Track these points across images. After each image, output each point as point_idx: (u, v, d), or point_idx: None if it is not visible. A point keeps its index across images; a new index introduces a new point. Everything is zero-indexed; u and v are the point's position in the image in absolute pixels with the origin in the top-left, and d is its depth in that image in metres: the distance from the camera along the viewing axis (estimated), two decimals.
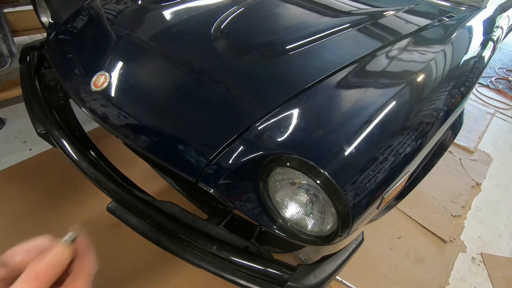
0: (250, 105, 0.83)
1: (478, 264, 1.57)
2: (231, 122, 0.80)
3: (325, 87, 0.84)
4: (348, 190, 0.64)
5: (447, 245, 1.60)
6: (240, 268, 0.75)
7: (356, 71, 0.90)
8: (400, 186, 0.80)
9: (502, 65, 3.66)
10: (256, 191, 0.75)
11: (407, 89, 0.85)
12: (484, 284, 1.50)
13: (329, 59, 0.95)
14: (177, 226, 0.79)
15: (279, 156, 0.69)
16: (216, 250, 0.75)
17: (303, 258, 1.39)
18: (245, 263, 0.74)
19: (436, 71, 0.95)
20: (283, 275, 0.72)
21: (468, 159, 2.19)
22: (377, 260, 1.46)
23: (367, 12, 1.25)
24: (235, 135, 0.76)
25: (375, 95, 0.82)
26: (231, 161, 0.74)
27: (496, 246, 1.69)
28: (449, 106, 0.93)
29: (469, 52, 1.12)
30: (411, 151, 0.77)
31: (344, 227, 0.67)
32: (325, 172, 0.64)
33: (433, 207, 1.78)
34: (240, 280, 0.74)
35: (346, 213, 0.65)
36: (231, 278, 0.75)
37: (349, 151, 0.68)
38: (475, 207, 1.87)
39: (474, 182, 2.02)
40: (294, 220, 0.74)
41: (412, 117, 0.80)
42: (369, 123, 0.73)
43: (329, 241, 0.72)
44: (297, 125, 0.75)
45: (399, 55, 1.01)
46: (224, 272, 0.76)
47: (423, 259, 1.52)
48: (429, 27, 1.20)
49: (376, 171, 0.69)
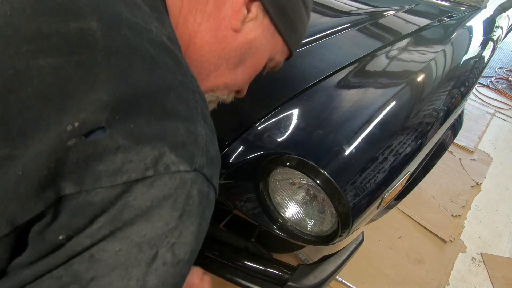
0: (250, 105, 0.83)
1: (478, 264, 1.57)
2: (231, 122, 0.80)
3: (325, 87, 0.84)
4: (348, 190, 0.64)
5: (447, 245, 1.60)
6: (240, 268, 0.75)
7: (356, 71, 0.90)
8: (400, 186, 0.80)
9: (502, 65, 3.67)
10: (256, 191, 0.75)
11: (407, 89, 0.85)
12: (484, 284, 1.50)
13: (329, 59, 0.95)
14: None
15: (279, 156, 0.69)
16: (216, 250, 0.75)
17: (303, 258, 1.40)
18: (245, 263, 0.74)
19: (436, 71, 0.95)
20: (283, 275, 0.72)
21: (468, 159, 2.19)
22: (377, 260, 1.46)
23: (367, 12, 1.25)
24: (235, 135, 0.76)
25: (375, 95, 0.82)
26: (231, 161, 0.74)
27: (496, 246, 1.69)
28: (449, 106, 0.93)
29: (469, 52, 1.12)
30: (411, 151, 0.77)
31: (344, 227, 0.67)
32: (325, 172, 0.64)
33: (433, 207, 1.77)
34: (240, 280, 0.74)
35: (346, 213, 0.65)
36: (231, 278, 0.75)
37: (349, 151, 0.68)
38: (475, 207, 1.87)
39: (474, 182, 2.02)
40: (294, 220, 0.75)
41: (412, 117, 0.80)
42: (369, 123, 0.73)
43: (329, 241, 0.72)
44: (297, 125, 0.75)
45: (399, 55, 1.01)
46: (224, 271, 0.76)
47: (423, 259, 1.52)
48: (429, 27, 1.21)
49: (376, 171, 0.69)
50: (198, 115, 0.33)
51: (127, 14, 0.33)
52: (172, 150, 0.29)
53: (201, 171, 0.31)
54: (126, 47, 0.31)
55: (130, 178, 0.27)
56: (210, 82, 0.49)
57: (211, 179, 0.33)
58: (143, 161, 0.28)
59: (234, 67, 0.49)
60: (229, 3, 0.44)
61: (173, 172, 0.29)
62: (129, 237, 0.27)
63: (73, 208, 0.27)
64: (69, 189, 0.26)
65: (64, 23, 0.29)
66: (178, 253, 0.30)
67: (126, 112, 0.28)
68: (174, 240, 0.29)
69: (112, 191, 0.27)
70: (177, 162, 0.29)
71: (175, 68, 0.34)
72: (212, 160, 0.33)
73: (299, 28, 0.51)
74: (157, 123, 0.29)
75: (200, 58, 0.46)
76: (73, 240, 0.27)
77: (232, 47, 0.46)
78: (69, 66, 0.28)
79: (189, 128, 0.31)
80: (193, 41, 0.45)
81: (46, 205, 0.26)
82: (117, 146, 0.27)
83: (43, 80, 0.27)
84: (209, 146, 0.33)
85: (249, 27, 0.46)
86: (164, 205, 0.29)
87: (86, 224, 0.27)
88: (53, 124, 0.27)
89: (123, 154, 0.27)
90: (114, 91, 0.28)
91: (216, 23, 0.44)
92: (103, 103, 0.28)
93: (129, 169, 0.27)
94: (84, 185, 0.26)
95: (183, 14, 0.42)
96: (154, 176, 0.28)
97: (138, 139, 0.28)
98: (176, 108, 0.31)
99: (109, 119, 0.28)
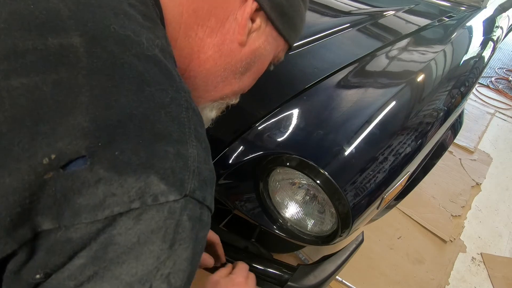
0: (250, 105, 0.83)
1: (478, 264, 1.57)
2: (231, 122, 0.80)
3: (325, 87, 0.84)
4: (348, 190, 0.64)
5: (447, 245, 1.60)
6: None
7: (356, 71, 0.90)
8: (400, 186, 0.80)
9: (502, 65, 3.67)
10: (256, 191, 0.75)
11: (407, 89, 0.85)
12: (484, 284, 1.50)
13: (329, 59, 0.94)
14: None
15: (279, 156, 0.69)
16: None
17: (303, 258, 1.39)
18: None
19: (436, 71, 0.95)
20: (283, 275, 0.72)
21: (468, 159, 2.19)
22: (377, 260, 1.46)
23: (367, 12, 1.25)
24: (235, 135, 0.76)
25: (375, 95, 0.82)
26: (231, 161, 0.74)
27: (496, 246, 1.69)
28: (449, 106, 0.93)
29: (469, 52, 1.12)
30: (411, 151, 0.77)
31: (344, 227, 0.67)
32: (325, 172, 0.64)
33: (433, 207, 1.77)
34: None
35: (346, 213, 0.65)
36: None
37: (349, 151, 0.68)
38: (475, 207, 1.87)
39: (474, 182, 2.02)
40: (294, 220, 0.74)
41: (412, 117, 0.80)
42: (369, 123, 0.73)
43: (329, 241, 0.72)
44: (297, 125, 0.75)
45: (399, 55, 1.01)
46: None
47: (423, 259, 1.52)
48: (429, 27, 1.21)
49: (376, 171, 0.69)
50: (191, 134, 0.31)
51: (115, 26, 0.30)
52: (161, 179, 0.27)
53: (192, 196, 0.29)
54: (112, 65, 0.28)
55: (113, 213, 0.25)
56: (218, 93, 0.49)
57: (203, 201, 0.31)
58: (127, 193, 0.25)
59: (241, 76, 0.49)
60: (232, 17, 0.43)
61: (161, 203, 0.27)
62: (119, 277, 0.25)
63: (51, 244, 0.24)
64: (47, 225, 0.24)
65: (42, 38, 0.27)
66: (174, 281, 0.28)
67: (110, 139, 0.26)
68: (168, 271, 0.27)
69: (93, 227, 0.25)
70: (166, 191, 0.27)
71: (167, 84, 0.32)
72: (204, 182, 0.31)
73: (298, 25, 0.51)
74: (145, 148, 0.27)
75: (205, 72, 0.45)
76: (52, 280, 0.24)
77: (238, 58, 0.46)
78: (45, 86, 0.25)
79: (179, 151, 0.29)
80: (197, 56, 0.43)
81: (20, 244, 0.24)
82: (97, 179, 0.25)
83: (15, 103, 0.24)
84: (201, 167, 0.31)
85: (253, 38, 0.46)
86: (154, 240, 0.26)
87: (65, 261, 0.25)
88: (26, 154, 0.24)
89: (105, 187, 0.25)
90: (96, 116, 0.26)
91: (220, 38, 0.43)
92: (83, 129, 0.25)
93: (112, 203, 0.25)
94: (63, 220, 0.24)
95: (184, 29, 0.41)
96: (140, 209, 0.26)
97: (122, 170, 0.26)
98: (167, 129, 0.29)
99: (90, 147, 0.25)
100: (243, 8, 0.42)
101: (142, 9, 0.35)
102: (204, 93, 0.48)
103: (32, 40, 0.26)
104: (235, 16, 0.43)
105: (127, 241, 0.25)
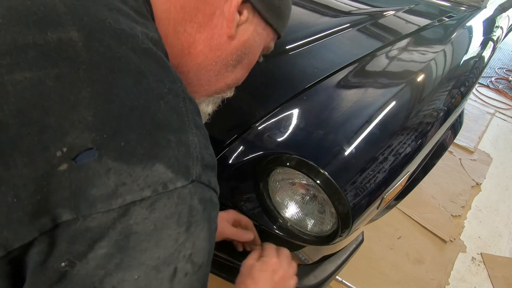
0: (250, 105, 0.83)
1: (478, 264, 1.57)
2: (231, 122, 0.80)
3: (325, 87, 0.84)
4: (348, 190, 0.64)
5: (447, 245, 1.60)
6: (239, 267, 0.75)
7: (356, 71, 0.90)
8: (400, 186, 0.80)
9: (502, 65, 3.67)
10: (256, 191, 0.75)
11: (407, 89, 0.85)
12: (484, 284, 1.50)
13: (329, 59, 0.94)
14: None
15: (279, 156, 0.69)
16: (216, 250, 0.75)
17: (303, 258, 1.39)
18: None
19: (436, 71, 0.95)
20: None
21: (468, 159, 2.19)
22: (377, 260, 1.46)
23: (367, 12, 1.25)
24: (235, 135, 0.76)
25: (375, 95, 0.82)
26: (231, 161, 0.74)
27: (496, 246, 1.69)
28: (449, 106, 0.93)
29: (469, 52, 1.12)
30: (411, 151, 0.77)
31: (344, 227, 0.67)
32: (325, 172, 0.64)
33: (433, 207, 1.78)
34: None
35: (346, 213, 0.65)
36: (230, 278, 0.75)
37: (349, 151, 0.68)
38: (475, 207, 1.87)
39: (474, 182, 2.02)
40: (294, 220, 0.74)
41: (412, 117, 0.80)
42: (369, 123, 0.73)
43: (329, 241, 0.72)
44: (297, 125, 0.75)
45: (399, 55, 1.01)
46: (223, 272, 0.76)
47: (423, 259, 1.52)
48: (429, 27, 1.21)
49: (376, 171, 0.69)
50: (190, 122, 0.32)
51: (110, 21, 0.31)
52: (167, 167, 0.28)
53: (199, 180, 0.31)
54: (110, 59, 0.29)
55: (126, 201, 0.26)
56: (212, 87, 0.50)
57: (209, 184, 0.32)
58: (136, 182, 0.27)
59: (233, 69, 0.50)
60: (219, 11, 0.43)
61: (171, 190, 0.28)
62: (144, 263, 0.27)
63: (71, 234, 0.26)
64: (66, 216, 0.25)
65: (42, 33, 0.27)
66: (196, 260, 0.30)
67: (115, 131, 0.27)
68: (190, 252, 0.30)
69: (109, 216, 0.26)
70: (173, 179, 0.28)
71: (163, 75, 0.33)
72: (207, 166, 0.33)
73: (286, 13, 0.51)
74: (148, 138, 0.29)
75: (197, 67, 0.46)
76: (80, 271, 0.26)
77: (228, 52, 0.47)
78: (48, 80, 0.26)
79: (181, 139, 0.31)
80: (187, 51, 0.44)
81: (40, 232, 0.25)
82: (107, 169, 0.26)
83: (20, 96, 0.26)
84: (203, 153, 0.32)
85: (242, 30, 0.46)
86: (170, 224, 0.28)
87: (86, 250, 0.26)
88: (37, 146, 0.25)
89: (115, 176, 0.26)
90: (99, 110, 0.27)
91: (209, 33, 0.44)
92: (88, 123, 0.26)
93: (123, 191, 0.26)
94: (80, 211, 0.26)
95: (173, 25, 0.42)
96: (152, 197, 0.27)
97: (129, 160, 0.27)
98: (167, 119, 0.31)
99: (97, 140, 0.26)
100: (230, 2, 0.43)
101: (133, 5, 0.36)
102: (198, 88, 0.49)
103: (31, 35, 0.27)
104: (222, 10, 0.43)
105: (145, 229, 0.27)
